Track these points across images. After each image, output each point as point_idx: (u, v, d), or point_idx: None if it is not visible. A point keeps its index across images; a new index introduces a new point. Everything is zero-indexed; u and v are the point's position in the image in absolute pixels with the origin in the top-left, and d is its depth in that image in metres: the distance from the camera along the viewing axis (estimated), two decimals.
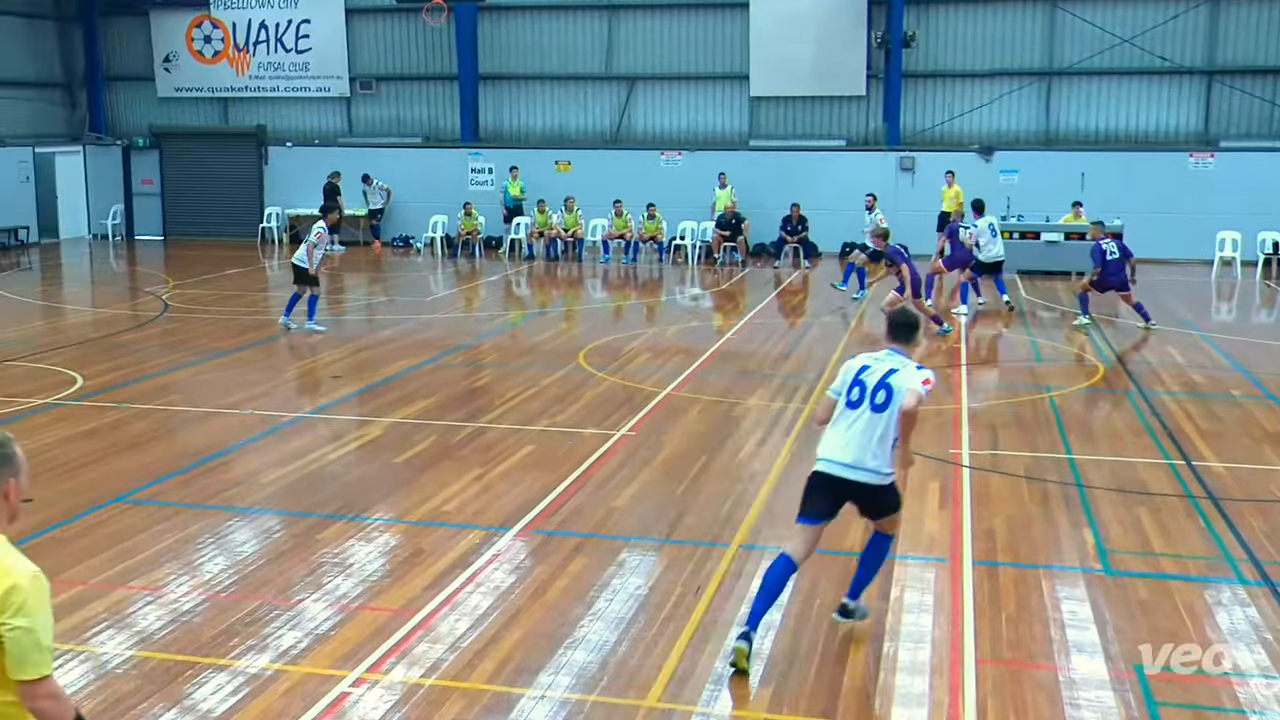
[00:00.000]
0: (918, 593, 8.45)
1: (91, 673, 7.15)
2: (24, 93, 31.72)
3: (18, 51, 31.57)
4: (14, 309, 21.55)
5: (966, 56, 28.92)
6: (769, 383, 15.15)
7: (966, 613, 8.03)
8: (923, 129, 29.23)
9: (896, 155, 28.48)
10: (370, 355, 17.19)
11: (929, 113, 29.27)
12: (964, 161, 27.55)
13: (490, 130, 31.44)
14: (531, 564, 8.98)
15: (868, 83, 29.06)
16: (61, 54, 33.06)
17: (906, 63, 28.75)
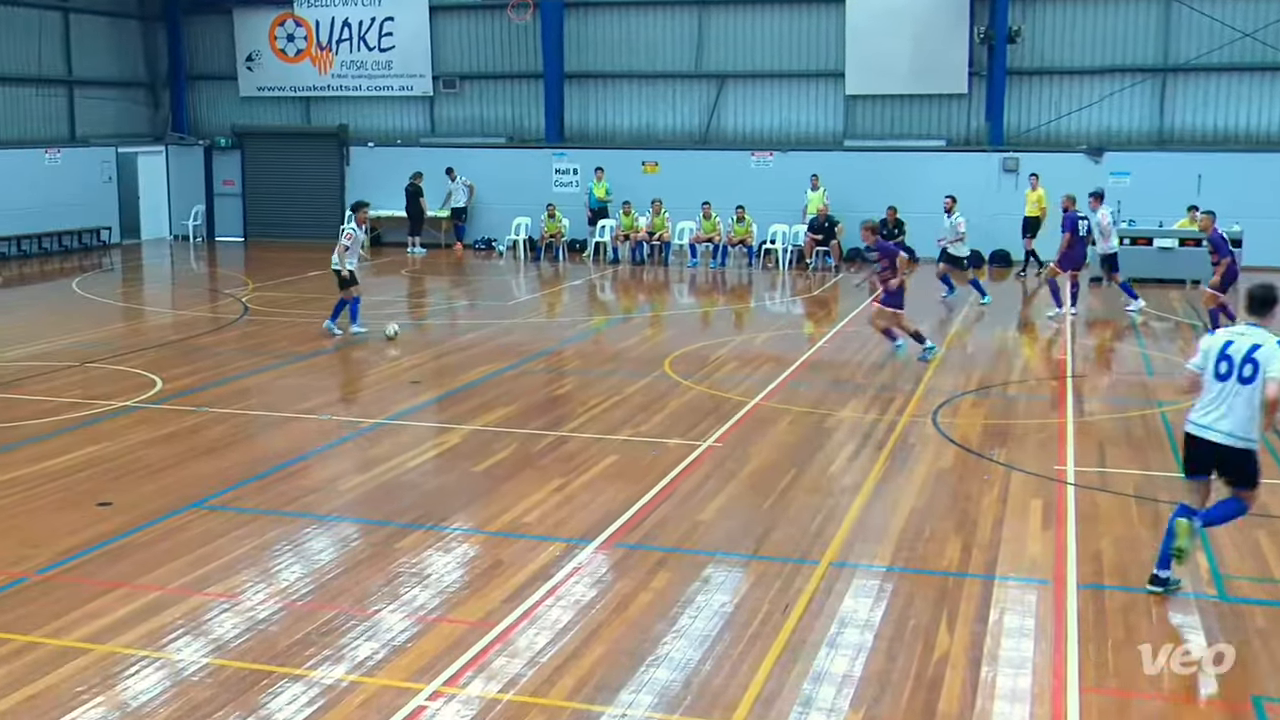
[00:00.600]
0: (1018, 616, 8.32)
1: (167, 680, 7.31)
2: (108, 92, 32.59)
3: (102, 51, 32.45)
4: (95, 310, 22.13)
5: (1075, 52, 28.46)
6: (863, 394, 15.03)
7: (1070, 638, 7.89)
8: (1028, 129, 28.82)
9: (1000, 156, 28.10)
10: (450, 361, 17.37)
11: (1034, 111, 28.85)
12: (1072, 163, 27.10)
13: (575, 130, 31.63)
14: (613, 578, 9.00)
15: (969, 80, 28.73)
16: (145, 53, 33.91)
17: (1011, 59, 28.37)
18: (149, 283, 27.76)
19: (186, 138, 33.97)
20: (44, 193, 29.33)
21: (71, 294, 23.87)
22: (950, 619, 8.18)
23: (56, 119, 31.05)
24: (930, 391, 15.06)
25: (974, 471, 11.72)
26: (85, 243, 30.76)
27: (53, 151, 30.14)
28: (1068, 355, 17.73)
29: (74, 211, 30.25)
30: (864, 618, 8.24)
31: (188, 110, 34.44)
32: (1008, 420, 13.92)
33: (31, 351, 17.44)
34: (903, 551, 9.50)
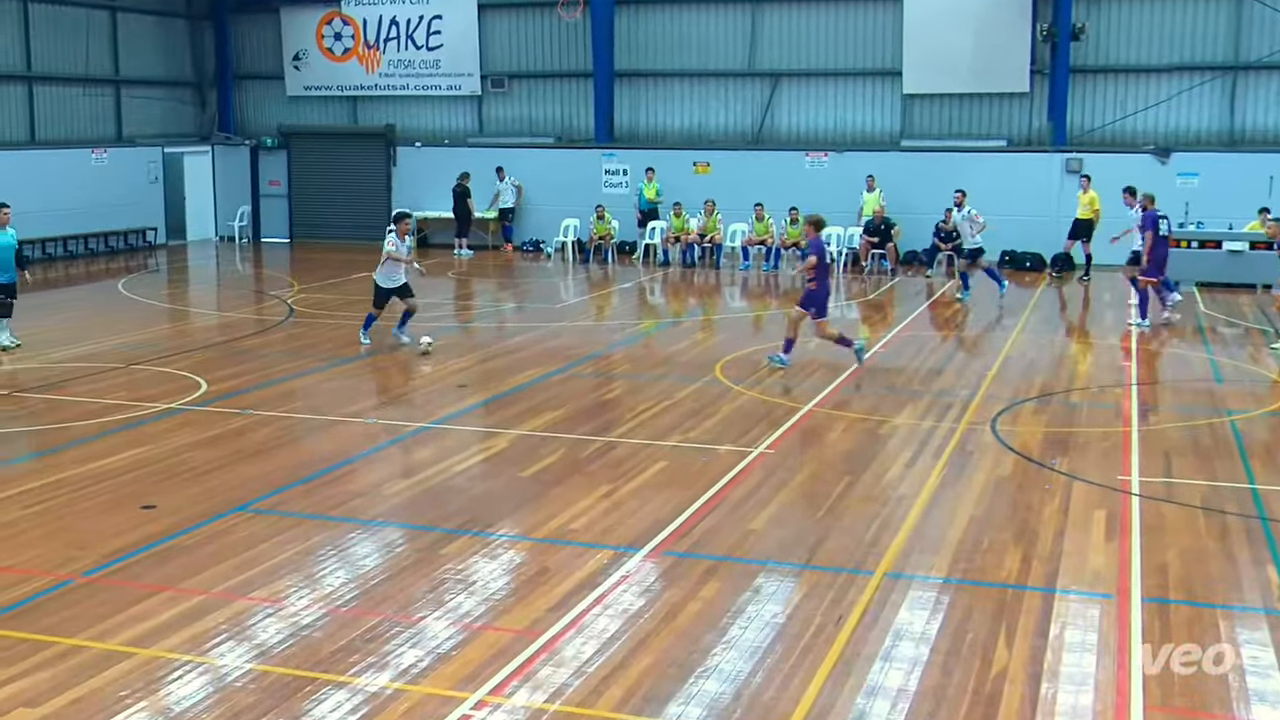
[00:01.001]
0: (1080, 630, 8.23)
1: (210, 685, 7.39)
2: (154, 92, 33.03)
3: (149, 50, 32.89)
4: (141, 312, 22.42)
5: (1142, 49, 28.16)
6: (919, 400, 14.94)
7: (1134, 654, 7.80)
8: (1092, 128, 28.54)
9: (1062, 157, 27.84)
10: (497, 364, 17.44)
11: (1099, 111, 28.57)
12: (1138, 164, 26.80)
13: (625, 130, 31.68)
14: (662, 587, 9.00)
15: (1031, 78, 28.49)
16: (192, 53, 34.34)
17: (1075, 56, 28.10)
18: (194, 284, 28.10)
19: (233, 138, 34.36)
20: (90, 193, 29.77)
21: (117, 295, 24.20)
22: (1009, 633, 8.11)
23: (103, 119, 31.51)
24: (989, 398, 14.94)
25: (1034, 481, 11.61)
26: (131, 243, 31.19)
27: (99, 152, 30.58)
28: (1132, 361, 17.54)
29: (120, 212, 30.69)
30: (920, 630, 8.18)
31: (234, 110, 34.83)
32: (1070, 428, 13.79)
33: (77, 353, 17.70)
34: (960, 562, 9.43)
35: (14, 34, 28.91)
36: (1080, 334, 20.38)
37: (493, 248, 31.24)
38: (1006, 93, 28.87)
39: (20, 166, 28.06)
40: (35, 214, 28.05)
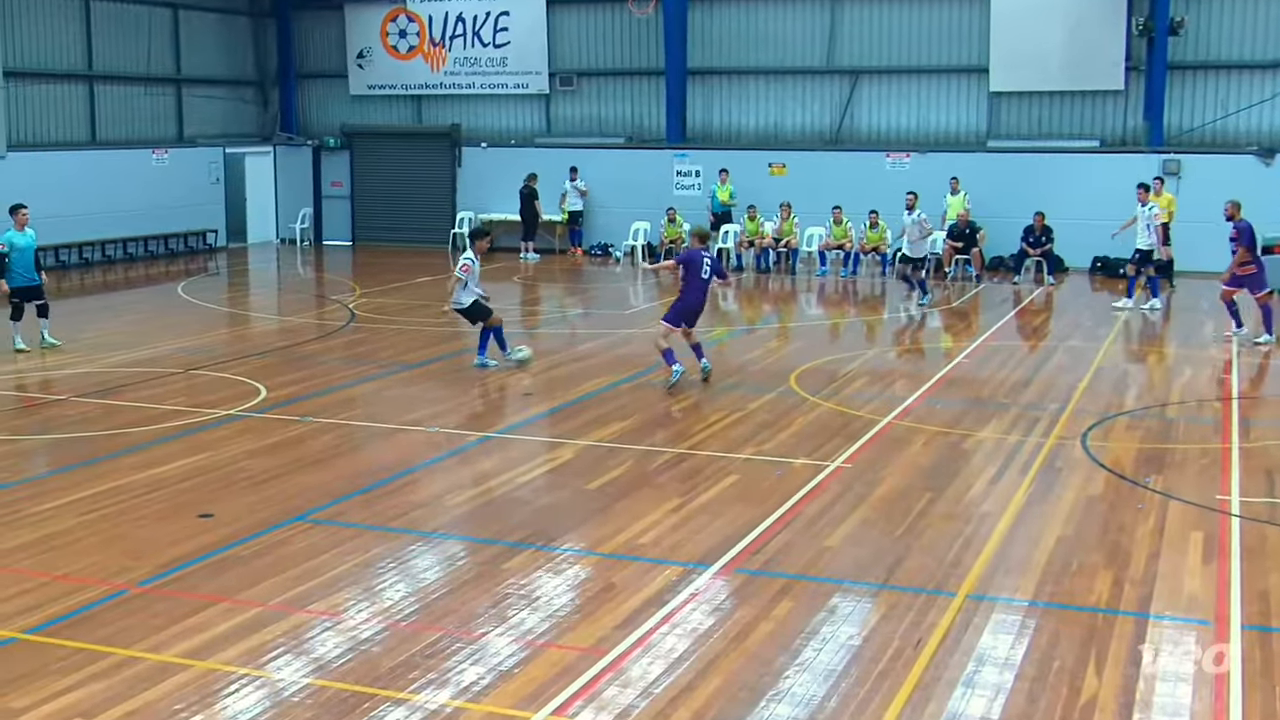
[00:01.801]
0: (1174, 659, 8.09)
1: (268, 699, 7.47)
2: (216, 91, 33.56)
3: (211, 49, 33.44)
4: (200, 316, 22.78)
5: (1244, 44, 27.69)
6: (1005, 413, 14.78)
7: (1233, 685, 7.65)
8: (1191, 128, 28.11)
9: (1159, 158, 27.43)
10: (563, 372, 17.50)
11: (1198, 109, 28.13)
12: (1240, 166, 26.37)
13: (698, 130, 31.69)
14: (733, 605, 8.97)
15: (1126, 75, 28.13)
16: (254, 51, 34.87)
17: (1173, 52, 27.69)
18: (254, 288, 28.50)
19: (295, 138, 34.82)
20: (151, 194, 30.31)
21: (176, 298, 24.60)
22: (1099, 660, 7.99)
23: (165, 119, 32.07)
24: (1080, 412, 14.75)
25: (1127, 499, 11.45)
26: (191, 246, 31.70)
27: (160, 152, 31.13)
28: (1232, 375, 17.23)
29: (180, 214, 31.22)
30: (1004, 656, 8.09)
31: (296, 109, 35.30)
32: (1165, 444, 13.57)
33: (136, 357, 18.01)
34: (1047, 585, 9.32)
35: (76, 33, 29.52)
36: (1177, 344, 20.06)
37: (559, 251, 31.37)
38: (1099, 90, 28.52)
39: (81, 167, 28.67)
40: (96, 215, 28.75)
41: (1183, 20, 27.24)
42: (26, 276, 18.31)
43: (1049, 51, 28.10)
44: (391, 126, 34.34)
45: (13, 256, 18.22)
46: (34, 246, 18.53)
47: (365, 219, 34.31)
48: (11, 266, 18.22)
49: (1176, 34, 27.33)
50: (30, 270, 18.38)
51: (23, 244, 18.34)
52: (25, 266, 18.31)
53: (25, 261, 18.31)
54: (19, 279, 18.25)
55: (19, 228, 18.32)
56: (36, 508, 11.04)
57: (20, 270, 18.26)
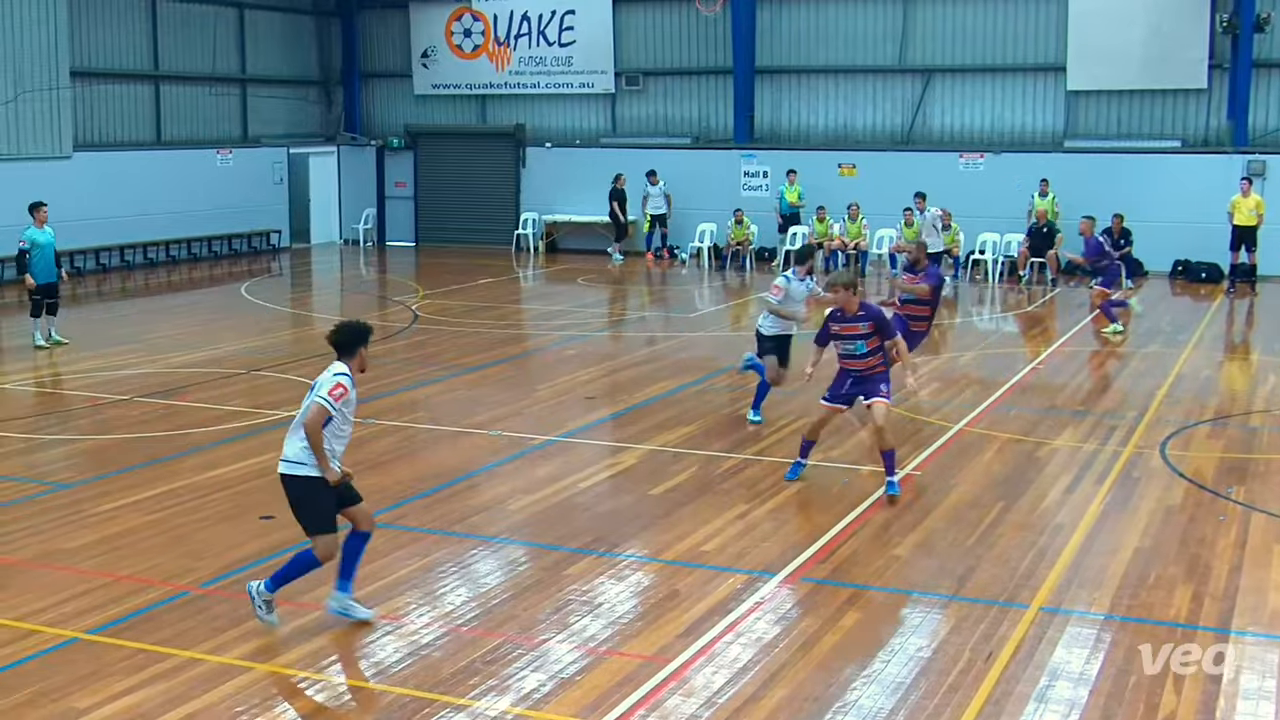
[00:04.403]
0: (1257, 676, 7.96)
1: (328, 703, 7.54)
2: (280, 91, 33.95)
3: (276, 49, 33.84)
4: (263, 316, 23.04)
5: None
6: (1081, 421, 14.61)
7: None
8: (1276, 128, 27.64)
9: (1243, 159, 27.00)
10: (627, 376, 17.52)
11: None
12: None
13: (766, 129, 31.61)
14: (798, 615, 8.94)
15: (1209, 74, 27.71)
16: (319, 50, 35.24)
17: (1258, 49, 27.24)
18: (317, 289, 28.78)
19: (359, 138, 35.14)
20: (216, 194, 30.71)
21: (240, 299, 24.91)
22: (1177, 676, 7.87)
23: (229, 118, 32.49)
24: (1159, 420, 14.56)
25: (1208, 511, 11.28)
26: (255, 246, 32.08)
27: (225, 152, 31.54)
28: None
29: (244, 214, 31.61)
30: (1078, 671, 8.00)
31: (360, 109, 35.62)
32: (1248, 454, 13.36)
33: (199, 357, 18.25)
34: (1124, 598, 9.20)
35: (143, 33, 29.99)
36: (1261, 351, 19.73)
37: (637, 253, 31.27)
38: (1181, 89, 28.11)
39: (147, 167, 29.11)
40: (160, 216, 29.18)
41: (1268, 16, 26.78)
42: (46, 274, 18.72)
43: (1129, 49, 27.75)
44: (455, 126, 34.56)
45: (34, 254, 18.63)
46: (54, 244, 18.94)
47: (428, 220, 34.55)
48: (32, 264, 18.62)
49: (1262, 30, 26.87)
50: (51, 268, 18.80)
51: (43, 241, 18.76)
52: (46, 264, 18.73)
53: (46, 259, 18.73)
54: (40, 276, 18.66)
55: (39, 225, 18.72)
56: (99, 508, 11.22)
57: (41, 268, 18.66)
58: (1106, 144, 28.49)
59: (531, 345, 20.19)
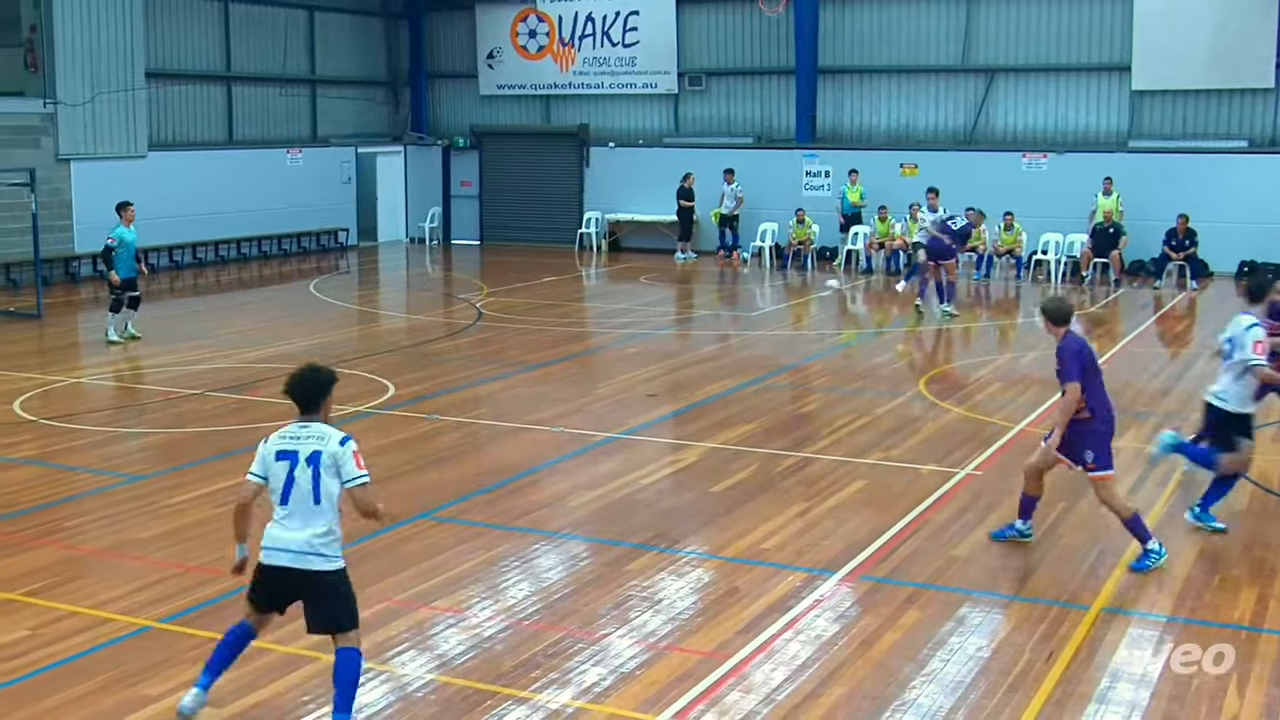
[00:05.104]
0: None
1: (392, 694, 7.60)
2: (349, 91, 34.24)
3: (345, 50, 34.14)
4: (331, 313, 23.26)
5: None
6: (1143, 422, 14.43)
7: None
8: None
9: None
10: (688, 374, 17.52)
11: None
12: None
13: (828, 129, 31.47)
14: (858, 613, 8.90)
15: (1277, 73, 27.25)
16: (387, 51, 35.51)
17: None
18: (384, 286, 29.01)
19: (425, 138, 35.37)
20: (285, 193, 31.02)
21: (308, 296, 25.15)
22: (1241, 679, 7.76)
23: (299, 119, 32.81)
24: None
25: (1274, 513, 11.12)
26: (323, 244, 32.38)
27: (294, 152, 31.86)
28: None
29: (313, 213, 31.91)
30: (1140, 672, 7.90)
31: (427, 109, 35.84)
32: None
33: (268, 353, 18.46)
34: (1187, 600, 9.08)
35: (215, 35, 30.35)
36: None
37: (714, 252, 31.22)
38: (1249, 89, 27.66)
39: (219, 166, 29.46)
40: (232, 214, 29.52)
41: None
42: (128, 270, 19.11)
43: (1195, 48, 27.34)
44: (520, 126, 34.70)
45: (119, 251, 19.00)
46: (136, 242, 19.36)
47: (493, 218, 34.72)
48: (117, 260, 19.00)
49: None
50: (132, 264, 19.19)
51: (129, 239, 19.14)
52: (129, 260, 19.12)
53: (129, 256, 19.13)
54: (122, 271, 19.04)
55: (126, 224, 19.08)
56: (171, 500, 11.38)
57: (124, 263, 19.05)
58: (1171, 144, 28.07)
59: (594, 343, 20.24)
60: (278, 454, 7.09)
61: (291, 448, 7.09)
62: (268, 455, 7.12)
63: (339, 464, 7.04)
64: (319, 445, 7.08)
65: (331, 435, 7.15)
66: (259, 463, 7.13)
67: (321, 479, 7.03)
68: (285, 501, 7.03)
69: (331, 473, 7.04)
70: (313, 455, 7.05)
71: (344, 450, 7.07)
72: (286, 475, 7.04)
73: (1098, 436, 9.68)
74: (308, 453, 7.05)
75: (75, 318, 22.46)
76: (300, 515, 7.00)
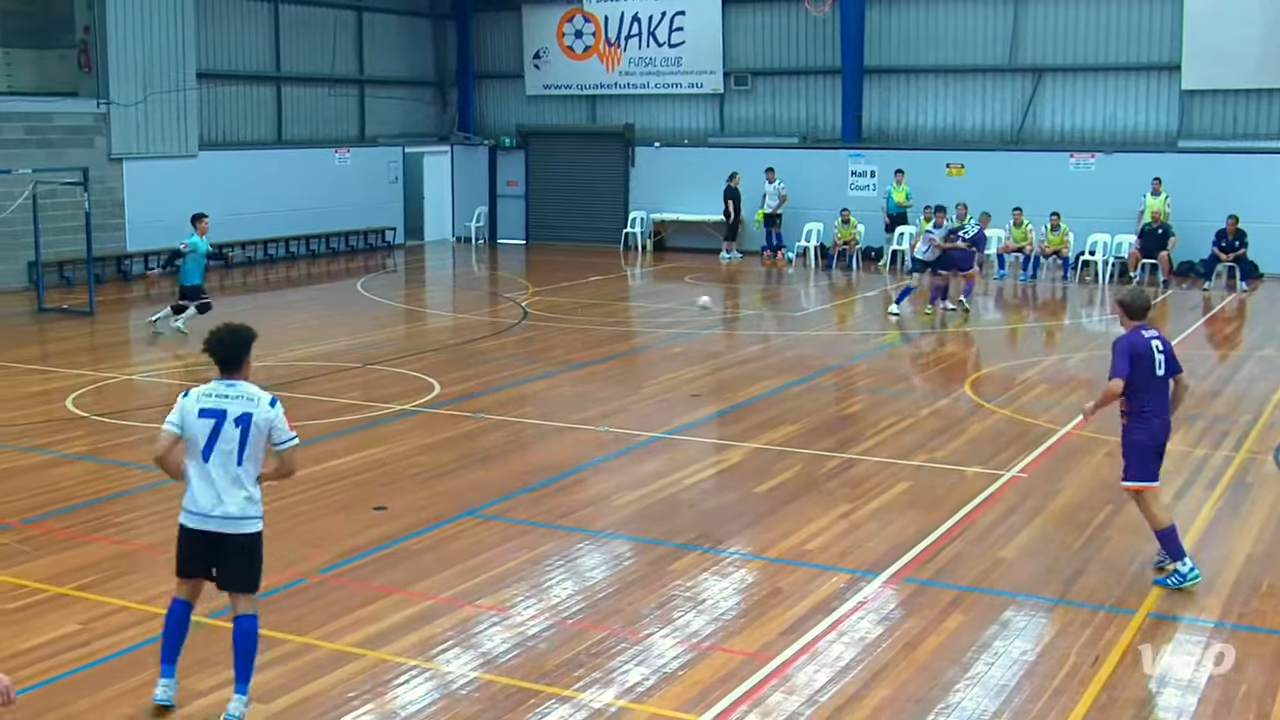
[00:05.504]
0: None
1: (436, 691, 7.64)
2: (396, 91, 34.43)
3: (393, 51, 34.33)
4: (377, 312, 23.40)
5: None
6: (1192, 425, 14.28)
7: None
8: None
9: None
10: (732, 374, 17.50)
11: None
12: None
13: (874, 129, 31.34)
14: (901, 615, 8.86)
15: None
16: (434, 52, 35.67)
17: None
18: (430, 285, 29.14)
19: (471, 137, 35.50)
20: (333, 193, 31.22)
21: (355, 294, 25.31)
22: None
23: (347, 119, 33.02)
24: (1273, 425, 14.19)
25: None
26: (370, 243, 32.57)
27: (343, 151, 32.07)
28: None
29: (360, 212, 32.11)
30: (1186, 678, 7.83)
31: (474, 109, 35.97)
32: None
33: (315, 351, 18.59)
34: (1235, 606, 8.98)
35: (265, 36, 30.59)
36: None
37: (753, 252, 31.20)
38: None
39: (268, 166, 29.69)
40: (280, 213, 29.75)
41: None
42: (197, 276, 19.67)
43: (1247, 47, 27.03)
44: (566, 126, 34.75)
45: (190, 258, 19.52)
46: (208, 252, 19.96)
47: (539, 218, 34.81)
48: (186, 265, 19.56)
49: None
50: (201, 272, 19.82)
51: (202, 249, 19.70)
52: (198, 268, 19.69)
53: (199, 264, 19.68)
54: (190, 278, 19.62)
55: (201, 234, 19.72)
56: None
57: (194, 270, 19.61)
58: (1221, 144, 27.77)
59: (638, 343, 20.25)
60: (201, 411, 7.14)
61: (218, 406, 7.16)
62: (189, 410, 7.17)
63: (272, 426, 7.18)
64: (249, 407, 7.16)
65: (261, 397, 7.25)
66: (178, 414, 7.18)
67: (250, 440, 7.14)
68: (207, 459, 7.12)
69: (263, 435, 7.16)
70: (242, 416, 7.12)
71: (275, 413, 7.21)
72: (210, 433, 7.10)
73: (1132, 445, 9.51)
74: (237, 413, 7.13)
75: (127, 315, 22.71)
76: (223, 475, 7.12)
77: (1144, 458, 9.46)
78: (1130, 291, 9.87)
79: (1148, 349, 9.47)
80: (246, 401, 7.20)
